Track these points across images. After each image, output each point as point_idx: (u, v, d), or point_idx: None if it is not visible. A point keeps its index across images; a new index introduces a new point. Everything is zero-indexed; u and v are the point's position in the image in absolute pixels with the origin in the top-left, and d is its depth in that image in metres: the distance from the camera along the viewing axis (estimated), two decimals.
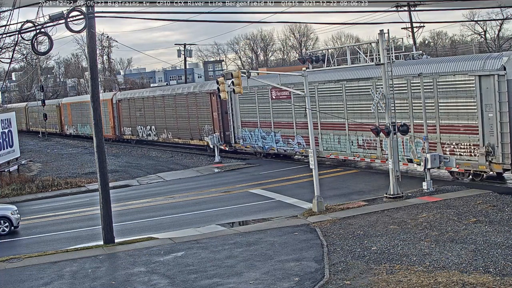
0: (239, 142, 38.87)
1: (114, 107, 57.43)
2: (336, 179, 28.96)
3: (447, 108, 24.80)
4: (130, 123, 55.12)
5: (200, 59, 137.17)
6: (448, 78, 24.50)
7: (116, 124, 57.98)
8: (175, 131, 47.46)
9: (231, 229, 20.54)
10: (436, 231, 17.36)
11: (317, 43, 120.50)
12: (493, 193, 21.85)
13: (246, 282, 14.41)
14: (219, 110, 40.34)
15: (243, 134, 38.38)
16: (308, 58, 25.48)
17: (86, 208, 27.20)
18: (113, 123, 58.16)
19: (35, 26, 18.75)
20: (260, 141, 36.82)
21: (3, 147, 34.97)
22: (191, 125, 44.70)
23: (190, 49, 67.45)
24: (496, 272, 13.54)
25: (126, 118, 55.92)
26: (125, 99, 56.19)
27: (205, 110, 42.26)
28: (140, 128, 53.23)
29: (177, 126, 46.98)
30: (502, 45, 78.57)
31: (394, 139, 22.99)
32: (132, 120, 54.70)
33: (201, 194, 28.33)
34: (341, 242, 17.29)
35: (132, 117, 54.67)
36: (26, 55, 46.40)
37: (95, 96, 20.11)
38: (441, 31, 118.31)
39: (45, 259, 18.38)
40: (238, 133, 38.98)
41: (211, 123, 41.50)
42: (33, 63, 72.62)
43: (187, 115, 44.97)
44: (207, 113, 42.14)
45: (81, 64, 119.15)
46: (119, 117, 57.33)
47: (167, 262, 16.88)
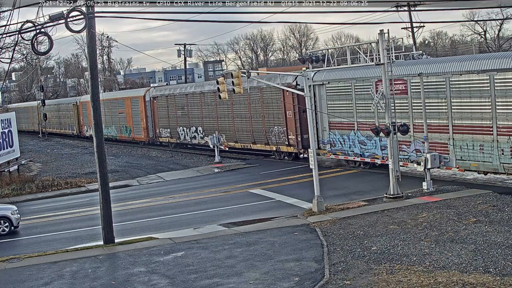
0: (325, 148, 31.86)
1: (148, 105, 50.59)
2: (336, 179, 28.96)
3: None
4: (169, 123, 47.84)
5: (200, 59, 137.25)
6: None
7: (149, 124, 50.95)
8: (230, 133, 40.13)
9: (231, 229, 20.54)
10: (436, 231, 17.36)
11: (317, 43, 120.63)
12: (493, 193, 21.85)
13: (246, 282, 14.42)
14: (295, 108, 33.54)
15: (332, 138, 31.09)
16: (308, 58, 25.46)
17: (86, 208, 27.20)
18: (146, 123, 51.13)
19: (35, 26, 18.74)
20: (358, 147, 29.22)
21: (3, 147, 34.97)
22: (253, 127, 37.58)
23: (190, 49, 67.48)
24: (496, 272, 13.54)
25: (164, 118, 48.54)
26: (162, 95, 48.78)
27: (275, 108, 35.46)
28: (182, 129, 46.00)
29: (234, 128, 39.71)
30: (502, 45, 78.59)
31: (394, 139, 22.95)
32: (172, 120, 47.36)
33: (201, 194, 28.34)
34: (341, 242, 17.28)
35: (171, 117, 47.35)
36: (26, 55, 46.36)
37: (95, 96, 20.10)
38: (441, 31, 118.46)
39: (45, 259, 18.38)
40: (324, 137, 31.92)
41: (283, 123, 34.94)
42: (33, 63, 72.43)
43: (248, 114, 37.99)
44: (277, 112, 35.37)
45: (81, 64, 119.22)
46: (153, 117, 50.28)
47: (167, 262, 16.89)
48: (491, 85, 22.95)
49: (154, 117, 50.20)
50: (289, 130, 34.48)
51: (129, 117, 53.96)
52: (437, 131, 25.30)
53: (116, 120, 56.71)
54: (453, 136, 24.63)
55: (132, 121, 53.44)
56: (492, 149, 23.12)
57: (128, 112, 53.93)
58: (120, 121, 55.88)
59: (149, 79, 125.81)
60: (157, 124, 50.02)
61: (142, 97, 51.39)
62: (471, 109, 23.90)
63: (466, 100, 24.10)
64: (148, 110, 50.69)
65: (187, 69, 75.93)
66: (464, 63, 24.31)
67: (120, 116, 55.73)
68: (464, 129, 24.27)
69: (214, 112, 41.54)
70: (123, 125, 55.54)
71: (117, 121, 56.62)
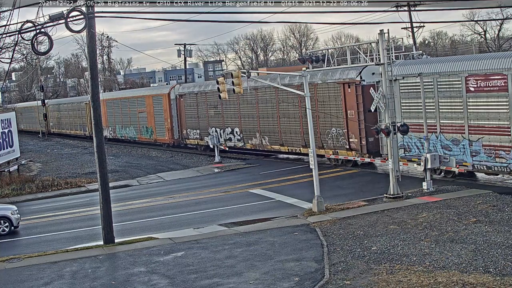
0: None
1: (173, 103, 46.15)
2: (336, 179, 28.96)
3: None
4: (199, 124, 43.22)
5: (200, 59, 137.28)
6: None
7: (175, 125, 46.34)
8: (274, 135, 35.56)
9: (231, 229, 20.54)
10: (436, 231, 17.36)
11: (317, 43, 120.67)
12: (493, 193, 21.85)
13: (246, 282, 14.41)
14: (358, 107, 29.08)
15: (406, 142, 26.99)
16: (308, 58, 25.48)
17: (86, 208, 27.20)
18: (171, 124, 46.50)
19: (35, 26, 18.74)
20: (441, 153, 25.17)
21: (3, 147, 34.98)
22: (305, 128, 31.73)
23: (190, 49, 67.44)
24: (496, 272, 13.54)
25: (192, 118, 44.02)
26: (191, 93, 43.89)
27: (333, 107, 30.64)
28: (215, 130, 41.31)
29: (280, 129, 35.01)
30: (502, 45, 78.62)
31: (394, 139, 22.95)
32: (202, 120, 42.77)
33: (201, 194, 28.34)
34: (341, 242, 17.28)
35: (202, 117, 42.78)
36: (26, 55, 46.44)
37: (95, 96, 20.08)
38: (441, 31, 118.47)
39: (45, 259, 18.38)
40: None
41: (343, 124, 30.09)
42: (33, 63, 72.32)
43: (299, 113, 32.97)
44: (336, 111, 30.52)
45: (81, 64, 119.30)
46: (179, 116, 45.79)
47: (167, 262, 16.89)
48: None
49: (181, 117, 45.64)
50: (350, 132, 29.76)
51: (150, 117, 49.73)
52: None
53: (135, 120, 52.60)
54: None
55: (154, 121, 49.30)
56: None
57: (150, 112, 49.60)
58: (140, 121, 51.61)
59: (149, 79, 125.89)
60: (184, 124, 45.37)
61: (166, 95, 46.62)
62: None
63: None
64: (173, 109, 46.19)
65: (187, 69, 75.93)
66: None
67: (140, 116, 51.54)
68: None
69: (255, 111, 36.71)
70: (143, 125, 51.30)
71: (136, 121, 52.52)
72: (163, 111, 47.11)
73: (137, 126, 52.46)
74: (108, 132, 57.34)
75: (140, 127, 51.91)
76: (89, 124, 59.54)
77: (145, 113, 50.47)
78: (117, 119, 56.12)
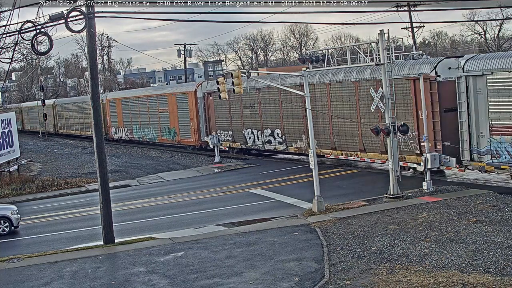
0: (481, 159, 23.52)
1: (200, 102, 42.48)
2: (336, 179, 28.96)
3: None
4: (231, 124, 39.53)
5: (200, 59, 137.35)
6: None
7: (202, 126, 42.64)
8: (325, 137, 31.56)
9: (231, 229, 20.54)
10: (436, 231, 17.36)
11: (317, 43, 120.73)
12: (493, 193, 21.85)
13: (246, 282, 14.41)
14: (433, 106, 25.24)
15: (495, 146, 22.93)
16: (308, 58, 25.46)
17: (86, 208, 27.20)
18: (197, 124, 42.70)
19: (35, 26, 18.75)
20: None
21: (3, 147, 34.98)
22: (363, 130, 28.63)
23: (190, 49, 67.49)
24: (496, 272, 13.54)
25: (223, 118, 40.35)
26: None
27: (399, 106, 26.37)
28: (250, 132, 37.66)
29: (332, 131, 31.05)
30: (502, 45, 78.63)
31: (394, 139, 22.94)
32: (235, 120, 39.05)
33: (201, 194, 28.33)
34: (341, 242, 17.28)
35: (234, 117, 39.15)
36: (26, 55, 46.37)
37: (95, 96, 20.09)
38: (441, 31, 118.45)
39: (45, 259, 18.38)
40: (480, 145, 23.53)
41: (413, 126, 26.07)
42: (33, 63, 72.21)
43: (356, 113, 29.24)
44: (403, 111, 26.69)
45: (81, 64, 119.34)
46: (208, 116, 41.93)
47: (167, 262, 16.89)
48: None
49: (209, 116, 41.66)
50: (421, 134, 25.65)
51: (173, 117, 45.94)
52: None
53: (156, 121, 48.86)
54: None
55: (177, 122, 45.45)
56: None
57: (173, 111, 45.86)
58: (161, 121, 47.86)
59: (149, 79, 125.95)
60: (213, 125, 41.20)
61: (192, 92, 42.73)
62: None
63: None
64: (200, 109, 42.51)
65: (187, 69, 75.95)
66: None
67: (162, 115, 47.71)
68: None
69: (300, 110, 32.45)
70: (164, 126, 47.58)
71: (156, 122, 48.83)
72: (189, 111, 43.41)
73: (157, 127, 48.97)
74: (124, 133, 54.38)
75: (161, 128, 48.37)
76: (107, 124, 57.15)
77: (167, 112, 46.87)
78: (135, 119, 52.35)
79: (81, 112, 64.91)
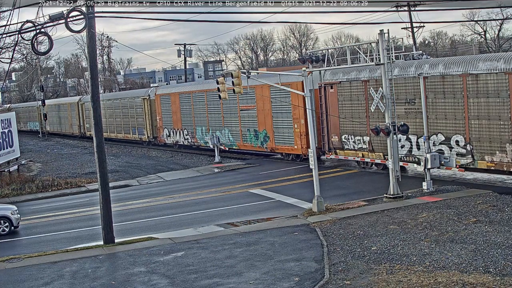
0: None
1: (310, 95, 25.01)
2: (336, 179, 28.96)
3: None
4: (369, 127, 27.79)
5: (200, 59, 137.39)
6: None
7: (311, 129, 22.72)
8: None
9: (231, 229, 20.54)
10: (436, 231, 17.36)
11: (317, 43, 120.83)
12: (493, 193, 21.85)
13: (246, 282, 14.41)
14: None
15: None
16: (308, 58, 25.45)
17: (86, 208, 27.20)
18: (305, 126, 31.25)
19: (35, 26, 18.74)
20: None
21: (3, 147, 34.98)
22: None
23: (190, 49, 67.50)
24: (496, 272, 13.53)
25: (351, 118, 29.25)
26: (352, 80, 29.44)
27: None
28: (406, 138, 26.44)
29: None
30: (502, 45, 78.64)
31: (394, 139, 22.93)
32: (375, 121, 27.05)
33: (201, 194, 28.34)
34: (341, 242, 17.28)
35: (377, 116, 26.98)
36: (26, 55, 46.40)
37: (95, 96, 20.08)
38: (441, 31, 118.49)
39: (45, 259, 18.38)
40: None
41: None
42: (33, 63, 72.24)
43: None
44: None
45: (81, 64, 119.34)
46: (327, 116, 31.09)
47: (167, 262, 16.89)
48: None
49: (327, 116, 31.06)
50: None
51: (264, 117, 35.95)
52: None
53: (234, 121, 38.80)
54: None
55: (271, 123, 35.45)
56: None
57: (263, 109, 35.86)
58: (243, 122, 37.91)
59: (149, 79, 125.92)
60: (336, 127, 30.61)
61: (299, 83, 28.49)
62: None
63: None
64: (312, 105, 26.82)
65: (187, 69, 75.93)
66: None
67: (244, 114, 37.77)
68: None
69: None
70: (249, 128, 37.44)
71: (235, 123, 38.71)
72: (292, 108, 33.05)
73: (236, 129, 38.75)
74: (183, 136, 44.25)
75: (242, 131, 38.14)
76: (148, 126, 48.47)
77: (254, 110, 36.78)
78: (200, 119, 42.10)
79: (114, 111, 55.12)
